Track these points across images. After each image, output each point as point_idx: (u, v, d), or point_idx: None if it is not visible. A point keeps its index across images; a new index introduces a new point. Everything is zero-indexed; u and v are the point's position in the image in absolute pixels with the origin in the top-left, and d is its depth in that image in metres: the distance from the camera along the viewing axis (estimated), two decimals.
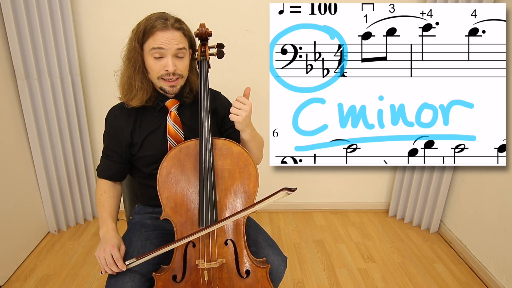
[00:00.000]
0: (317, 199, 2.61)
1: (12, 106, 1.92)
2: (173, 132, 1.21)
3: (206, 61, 1.19)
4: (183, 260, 1.08)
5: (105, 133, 1.26)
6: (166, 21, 1.09)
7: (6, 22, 1.79)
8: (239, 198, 1.11)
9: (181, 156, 1.10)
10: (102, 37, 2.11)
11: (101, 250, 1.08)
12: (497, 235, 1.85)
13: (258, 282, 1.10)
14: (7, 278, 1.84)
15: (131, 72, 1.15)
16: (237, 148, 1.12)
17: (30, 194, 2.07)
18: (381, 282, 1.90)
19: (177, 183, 1.09)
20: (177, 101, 1.23)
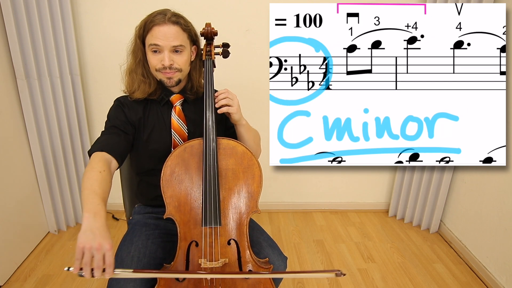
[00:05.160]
0: (317, 199, 2.61)
1: (12, 106, 1.91)
2: (177, 126, 1.22)
3: (211, 60, 1.21)
4: (186, 260, 1.08)
5: (112, 110, 1.24)
6: (164, 16, 1.12)
7: (6, 22, 1.79)
8: (242, 198, 1.11)
9: (185, 155, 1.11)
10: (102, 37, 2.11)
11: (91, 242, 0.83)
12: (497, 235, 1.85)
13: (260, 282, 1.09)
14: (7, 278, 1.84)
15: (133, 65, 1.21)
16: (241, 148, 1.13)
17: (30, 194, 2.07)
18: (381, 282, 1.90)
19: (181, 182, 1.09)
20: (182, 96, 1.25)
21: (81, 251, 0.82)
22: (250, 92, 2.24)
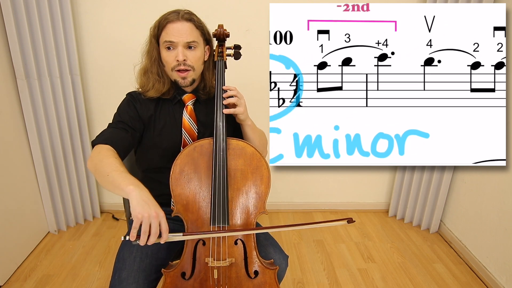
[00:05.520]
0: (317, 199, 2.61)
1: (12, 106, 1.92)
2: (188, 126, 1.24)
3: (223, 61, 1.24)
4: (193, 258, 1.08)
5: (123, 103, 1.25)
6: (177, 13, 1.16)
7: (6, 22, 1.79)
8: (250, 199, 1.12)
9: (195, 154, 1.11)
10: (102, 37, 2.11)
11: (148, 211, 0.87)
12: (497, 235, 1.85)
13: (266, 283, 1.10)
14: (7, 278, 1.84)
15: (148, 65, 1.24)
16: (250, 149, 1.14)
17: (30, 194, 2.07)
18: (381, 282, 1.90)
19: (190, 181, 1.10)
20: (194, 96, 1.27)
21: (140, 220, 0.86)
22: (250, 92, 2.22)
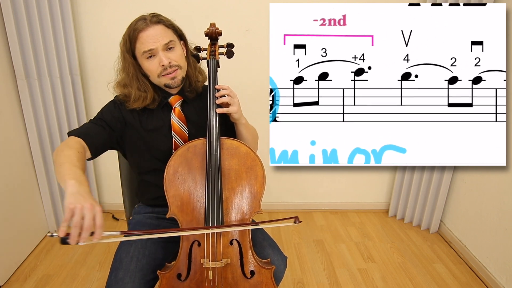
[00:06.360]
0: (317, 199, 2.61)
1: (12, 106, 1.91)
2: (178, 128, 1.22)
3: (216, 60, 1.21)
4: (188, 259, 1.08)
5: (108, 105, 1.23)
6: (144, 20, 1.12)
7: (6, 22, 1.79)
8: (245, 198, 1.11)
9: (188, 154, 1.11)
10: (102, 37, 2.11)
11: (82, 202, 0.78)
12: (497, 235, 1.85)
13: (262, 283, 1.10)
14: (7, 278, 1.84)
15: (126, 80, 1.19)
16: (244, 148, 1.13)
17: (30, 194, 2.07)
18: (381, 282, 1.90)
19: (184, 181, 1.09)
20: (181, 97, 1.24)
21: (71, 211, 0.77)
22: (249, 92, 2.24)
